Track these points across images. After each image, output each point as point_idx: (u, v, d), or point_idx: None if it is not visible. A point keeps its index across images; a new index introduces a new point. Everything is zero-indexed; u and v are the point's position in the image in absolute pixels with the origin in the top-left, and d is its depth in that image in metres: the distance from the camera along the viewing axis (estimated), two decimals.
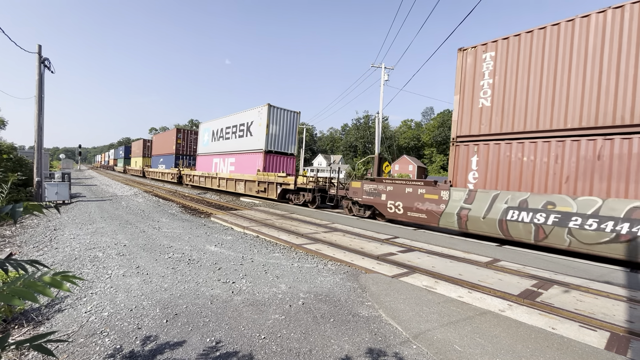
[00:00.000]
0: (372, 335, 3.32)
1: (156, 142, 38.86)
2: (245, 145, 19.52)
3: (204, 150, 25.91)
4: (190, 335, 3.20)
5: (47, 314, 3.61)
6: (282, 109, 18.42)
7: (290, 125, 19.12)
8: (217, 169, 22.86)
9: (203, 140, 26.24)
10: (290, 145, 19.31)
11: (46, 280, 0.96)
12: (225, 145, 22.26)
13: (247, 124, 19.56)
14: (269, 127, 17.75)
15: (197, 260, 5.78)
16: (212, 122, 25.11)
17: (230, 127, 21.67)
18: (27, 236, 7.56)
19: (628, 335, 3.46)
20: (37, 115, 12.67)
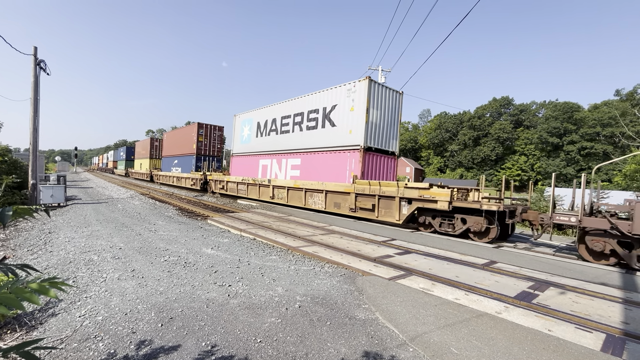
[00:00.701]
0: (368, 338, 3.31)
1: (169, 141, 32.56)
2: (321, 141, 14.16)
3: (243, 149, 20.29)
4: (185, 339, 3.17)
5: (40, 318, 3.57)
6: (384, 86, 13.16)
7: (393, 112, 13.69)
8: (269, 174, 17.40)
9: (241, 136, 20.52)
10: (392, 141, 13.78)
11: (33, 287, 0.94)
12: (281, 142, 16.72)
13: (323, 111, 14.10)
14: (369, 112, 12.16)
15: (193, 263, 5.74)
16: (256, 112, 19.33)
17: (292, 115, 16.00)
18: (21, 239, 7.49)
19: (624, 336, 3.47)
20: (32, 117, 12.58)
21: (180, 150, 28.51)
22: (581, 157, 50.67)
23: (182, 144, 28.35)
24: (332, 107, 13.68)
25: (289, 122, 16.24)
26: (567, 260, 7.14)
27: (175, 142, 30.43)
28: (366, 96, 12.13)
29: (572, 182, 11.96)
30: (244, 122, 20.54)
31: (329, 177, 13.52)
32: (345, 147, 12.98)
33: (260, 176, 18.06)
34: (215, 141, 26.81)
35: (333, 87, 13.73)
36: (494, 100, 70.43)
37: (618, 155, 43.85)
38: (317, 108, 14.50)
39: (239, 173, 20.34)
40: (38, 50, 12.55)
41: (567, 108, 55.59)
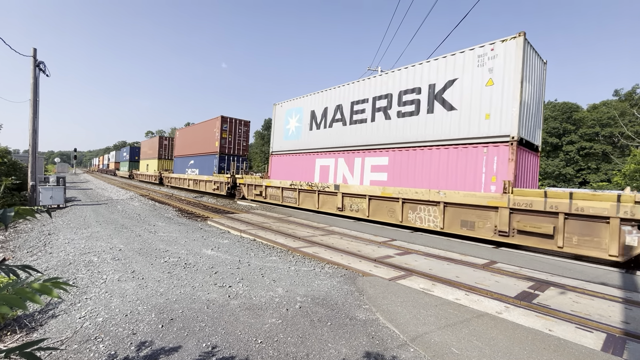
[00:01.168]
0: (369, 339, 3.31)
1: (183, 139, 28.80)
2: (427, 131, 10.14)
3: (288, 147, 16.36)
4: (186, 340, 3.17)
5: (40, 320, 3.56)
6: (535, 51, 9.25)
7: (539, 89, 9.82)
8: (332, 178, 13.49)
9: (285, 130, 16.61)
10: (537, 130, 9.94)
11: (35, 287, 0.94)
12: (352, 135, 12.82)
13: (430, 89, 10.10)
14: (522, 86, 8.36)
15: (194, 264, 5.74)
16: (308, 98, 15.28)
17: (370, 100, 12.14)
18: (21, 241, 7.47)
19: (624, 336, 3.47)
20: (31, 118, 12.58)
21: (198, 149, 24.85)
22: (580, 157, 50.76)
23: (200, 142, 24.60)
24: (448, 83, 9.65)
25: (364, 109, 12.35)
26: (567, 260, 7.15)
27: (192, 140, 26.49)
28: (521, 62, 8.23)
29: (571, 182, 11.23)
30: (289, 112, 16.34)
31: (446, 183, 9.50)
32: (479, 139, 8.94)
33: (319, 180, 14.11)
34: (241, 138, 22.93)
35: (448, 55, 9.75)
36: None
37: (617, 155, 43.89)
38: (418, 86, 10.46)
39: (281, 176, 16.59)
40: (37, 52, 12.55)
41: (566, 108, 55.69)
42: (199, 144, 24.90)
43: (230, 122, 22.40)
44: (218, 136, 21.98)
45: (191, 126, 28.27)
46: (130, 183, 35.79)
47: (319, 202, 13.64)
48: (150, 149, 38.26)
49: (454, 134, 9.50)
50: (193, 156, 26.07)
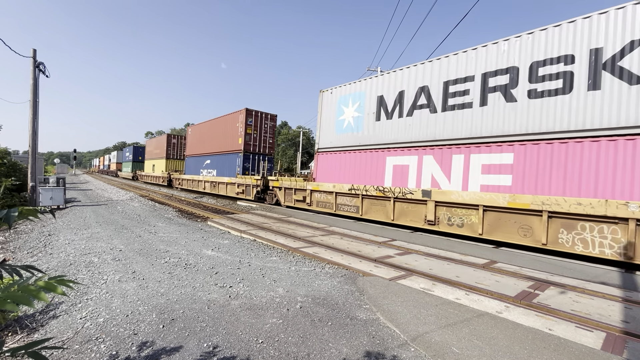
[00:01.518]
0: (370, 339, 3.32)
1: (197, 136, 25.97)
2: (591, 116, 7.36)
3: (343, 142, 13.26)
4: (187, 340, 3.18)
5: (41, 320, 3.57)
6: None
7: None
8: (413, 181, 10.55)
9: (338, 121, 13.51)
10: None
11: (41, 285, 0.95)
12: (445, 125, 9.89)
13: (593, 56, 7.41)
14: None
15: (194, 264, 5.75)
16: (373, 81, 12.37)
17: (476, 77, 9.26)
18: (21, 242, 7.47)
19: (624, 335, 3.49)
20: (31, 119, 12.58)
21: (217, 147, 22.11)
22: None
23: (219, 139, 21.78)
24: (629, 46, 6.91)
25: (467, 90, 9.41)
26: (567, 260, 7.16)
27: (209, 137, 23.61)
28: None
29: None
30: (343, 99, 13.27)
31: (630, 192, 6.68)
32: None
33: (392, 184, 11.12)
34: (267, 134, 20.12)
35: (629, 4, 6.96)
36: None
37: None
38: (570, 54, 7.66)
39: (332, 178, 13.56)
40: (37, 52, 12.55)
41: None
42: (218, 141, 22.00)
43: (256, 116, 19.48)
44: (242, 132, 19.09)
45: (208, 121, 24.30)
46: (134, 185, 33.69)
47: (395, 212, 10.67)
48: (157, 148, 35.74)
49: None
50: (210, 155, 23.30)
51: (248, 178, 18.06)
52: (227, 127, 21.13)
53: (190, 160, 27.25)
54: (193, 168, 26.30)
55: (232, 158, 20.31)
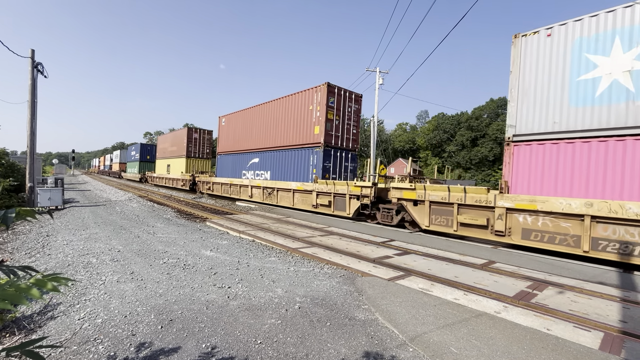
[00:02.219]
0: (368, 339, 3.32)
1: (235, 127, 20.38)
2: None
3: (596, 122, 7.12)
4: (185, 341, 3.17)
5: (39, 321, 3.56)
6: None
7: None
8: None
9: (575, 84, 7.49)
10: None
11: (32, 282, 0.95)
12: None
13: None
14: None
15: (193, 265, 5.74)
16: None
17: None
18: (19, 242, 7.45)
19: (621, 335, 3.50)
20: (29, 120, 12.55)
21: (274, 141, 16.54)
22: None
23: (280, 129, 16.18)
24: None
25: None
26: (564, 260, 7.17)
27: (258, 127, 17.85)
28: None
29: None
30: (591, 42, 7.38)
31: None
32: None
33: None
34: (351, 122, 14.78)
35: None
36: (491, 101, 70.72)
37: None
38: None
39: (554, 187, 7.55)
40: (35, 52, 12.53)
41: None
42: (276, 132, 16.42)
43: (339, 95, 14.13)
44: (321, 117, 13.62)
45: (257, 106, 18.26)
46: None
47: None
48: (174, 145, 29.77)
49: None
50: (259, 151, 17.50)
51: (340, 184, 12.57)
52: (294, 112, 15.31)
53: (225, 160, 21.20)
54: (230, 169, 20.51)
55: (302, 155, 14.77)
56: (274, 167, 16.70)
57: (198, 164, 27.76)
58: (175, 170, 28.73)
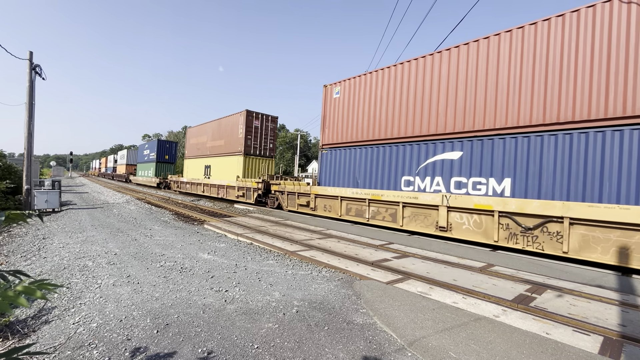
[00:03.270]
0: (366, 343, 3.29)
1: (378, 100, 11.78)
2: None
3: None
4: (181, 345, 3.13)
5: (33, 325, 3.51)
6: None
7: None
8: None
9: None
10: None
11: (19, 289, 0.92)
12: None
13: None
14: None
15: (190, 268, 5.69)
16: None
17: None
18: (14, 245, 7.39)
19: (621, 339, 3.48)
20: (27, 122, 12.50)
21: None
22: None
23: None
24: None
25: None
26: (563, 263, 7.17)
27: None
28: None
29: None
30: None
31: None
32: None
33: None
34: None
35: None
36: None
37: None
38: None
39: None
40: (34, 54, 12.50)
41: None
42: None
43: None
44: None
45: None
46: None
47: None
48: (220, 138, 21.41)
49: None
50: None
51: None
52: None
53: (338, 155, 13.30)
54: (357, 170, 12.45)
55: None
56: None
57: (259, 164, 19.54)
58: (223, 174, 20.42)
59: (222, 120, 21.89)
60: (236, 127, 19.83)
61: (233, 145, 20.10)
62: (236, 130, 19.81)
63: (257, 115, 19.49)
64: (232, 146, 20.24)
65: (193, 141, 26.47)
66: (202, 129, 24.94)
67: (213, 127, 23.13)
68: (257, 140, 19.66)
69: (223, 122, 21.72)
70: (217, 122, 22.71)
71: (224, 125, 21.48)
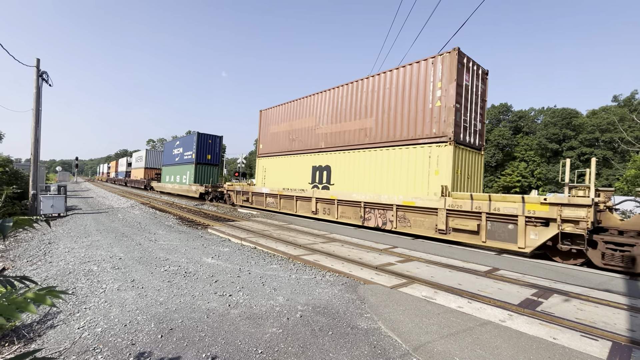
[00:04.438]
0: (371, 348, 3.26)
1: None
2: None
3: None
4: (185, 350, 3.13)
5: (39, 330, 3.53)
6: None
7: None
8: None
9: None
10: None
11: (29, 296, 0.93)
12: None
13: None
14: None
15: (194, 272, 5.70)
16: None
17: None
18: (21, 250, 7.45)
19: (630, 344, 3.42)
20: (34, 128, 12.66)
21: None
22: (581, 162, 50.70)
23: None
24: None
25: None
26: (570, 267, 7.08)
27: None
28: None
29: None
30: None
31: None
32: None
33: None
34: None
35: None
36: (492, 107, 70.88)
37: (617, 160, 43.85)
38: None
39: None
40: (40, 62, 12.70)
41: (566, 114, 55.89)
42: None
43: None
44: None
45: None
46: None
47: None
48: (363, 115, 12.30)
49: None
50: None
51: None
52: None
53: None
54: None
55: None
56: None
57: (471, 162, 10.88)
58: (377, 180, 11.65)
59: (369, 82, 12.18)
60: (424, 88, 10.33)
61: (413, 125, 10.60)
62: (424, 93, 10.32)
63: (468, 62, 10.22)
64: (410, 128, 10.67)
65: (275, 129, 17.45)
66: (300, 107, 15.58)
67: (336, 97, 13.63)
68: (468, 114, 10.32)
69: (371, 84, 12.11)
70: (347, 88, 13.11)
71: (382, 87, 11.71)
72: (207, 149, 25.21)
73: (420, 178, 10.38)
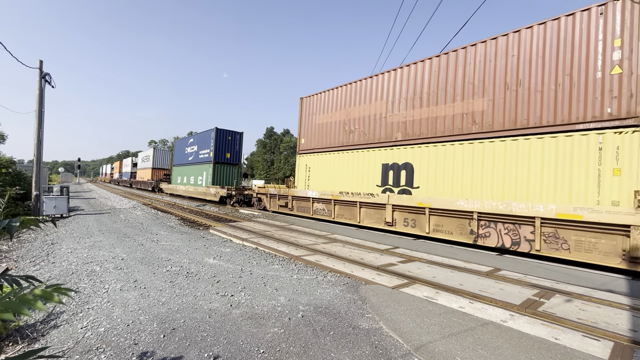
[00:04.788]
0: (372, 348, 3.27)
1: None
2: None
3: None
4: (187, 350, 3.15)
5: (42, 330, 3.56)
6: None
7: None
8: None
9: None
10: None
11: (37, 293, 0.95)
12: None
13: None
14: None
15: (196, 273, 5.72)
16: None
17: None
18: (24, 251, 7.49)
19: (632, 344, 3.41)
20: (36, 129, 12.74)
21: None
22: None
23: None
24: None
25: None
26: (571, 267, 7.06)
27: None
28: None
29: None
30: None
31: None
32: None
33: None
34: None
35: None
36: None
37: None
38: None
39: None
40: (43, 63, 12.78)
41: None
42: None
43: None
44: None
45: None
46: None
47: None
48: (475, 94, 9.04)
49: None
50: None
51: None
52: None
53: None
54: None
55: None
56: None
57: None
58: (500, 181, 8.54)
59: (478, 49, 9.33)
60: (586, 50, 7.53)
61: (561, 105, 7.78)
62: (586, 57, 7.53)
63: None
64: (559, 108, 7.80)
65: (323, 119, 14.59)
66: (361, 90, 12.78)
67: (420, 74, 10.75)
68: None
69: (480, 53, 9.27)
70: (437, 61, 10.29)
71: (501, 55, 8.88)
72: (227, 146, 22.51)
73: (584, 180, 7.24)
